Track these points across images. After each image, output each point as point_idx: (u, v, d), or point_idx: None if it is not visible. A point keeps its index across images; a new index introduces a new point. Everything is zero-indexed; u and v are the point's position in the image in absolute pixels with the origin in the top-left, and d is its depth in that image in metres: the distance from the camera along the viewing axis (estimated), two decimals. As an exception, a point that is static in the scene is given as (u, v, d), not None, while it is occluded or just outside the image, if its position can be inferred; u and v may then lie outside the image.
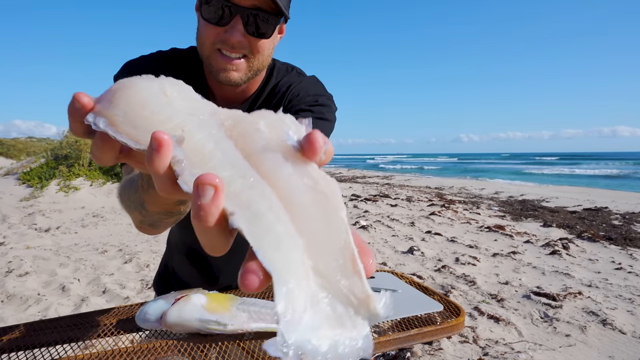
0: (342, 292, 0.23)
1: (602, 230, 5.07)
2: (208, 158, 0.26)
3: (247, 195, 0.24)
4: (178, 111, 0.28)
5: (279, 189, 0.25)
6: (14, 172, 8.86)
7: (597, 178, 18.42)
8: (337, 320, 0.22)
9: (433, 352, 2.14)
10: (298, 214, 0.24)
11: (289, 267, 0.22)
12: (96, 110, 0.28)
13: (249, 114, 0.29)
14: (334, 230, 0.24)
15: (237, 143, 0.27)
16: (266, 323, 0.72)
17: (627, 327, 2.41)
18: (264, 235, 0.23)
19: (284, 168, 0.26)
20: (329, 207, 0.25)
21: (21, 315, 2.58)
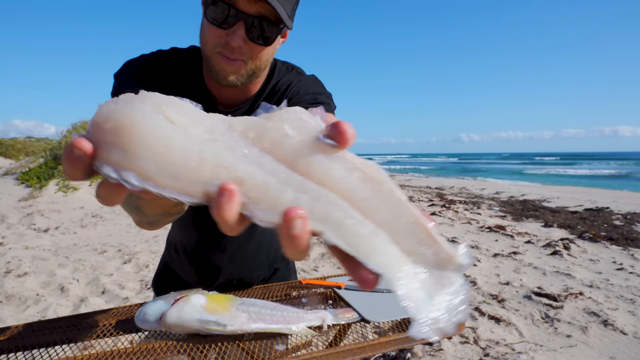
0: (431, 260, 0.27)
1: (603, 231, 5.06)
2: (265, 188, 0.26)
3: (320, 209, 0.26)
4: (201, 142, 0.26)
5: (338, 191, 0.27)
6: (12, 172, 8.86)
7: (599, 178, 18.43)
8: (438, 283, 0.27)
9: (433, 352, 2.13)
10: (365, 208, 0.27)
11: (391, 263, 0.26)
12: (106, 158, 0.25)
13: (265, 118, 0.29)
14: (401, 212, 0.27)
15: (275, 155, 0.27)
16: (266, 324, 0.71)
17: (628, 328, 2.41)
18: (359, 244, 0.25)
19: (333, 170, 0.27)
20: (385, 191, 0.27)
21: (20, 315, 2.57)
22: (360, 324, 0.78)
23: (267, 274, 1.08)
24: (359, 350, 0.68)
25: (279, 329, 0.71)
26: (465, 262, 0.28)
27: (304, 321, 0.74)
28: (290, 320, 0.73)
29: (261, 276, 1.06)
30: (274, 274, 1.10)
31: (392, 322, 0.78)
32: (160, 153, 0.25)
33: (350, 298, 0.87)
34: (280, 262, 1.11)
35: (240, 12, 0.68)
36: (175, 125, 0.26)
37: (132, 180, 0.25)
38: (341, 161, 0.27)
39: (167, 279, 1.07)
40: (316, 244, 4.18)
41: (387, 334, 0.74)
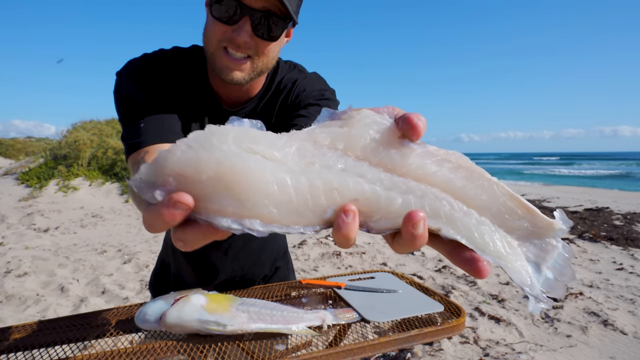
0: (532, 231, 0.29)
1: (603, 231, 5.06)
2: (376, 199, 0.27)
3: (429, 206, 0.27)
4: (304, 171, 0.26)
5: (436, 184, 0.28)
6: (12, 172, 8.85)
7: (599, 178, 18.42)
8: (543, 252, 0.29)
9: (434, 352, 2.13)
10: (465, 196, 0.28)
11: (502, 251, 0.28)
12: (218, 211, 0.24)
13: (344, 126, 0.29)
14: (495, 193, 0.29)
15: (370, 161, 0.28)
16: (266, 324, 0.71)
17: (628, 328, 2.41)
18: (473, 237, 0.27)
19: (426, 165, 0.28)
20: (476, 175, 0.29)
21: (20, 315, 2.57)
22: (360, 324, 0.78)
23: (269, 272, 1.08)
24: (359, 350, 0.68)
25: (279, 329, 0.71)
26: (564, 226, 0.29)
27: (304, 321, 0.74)
28: (290, 320, 0.73)
29: (262, 274, 1.06)
30: (275, 273, 1.10)
31: (392, 322, 0.78)
32: (277, 195, 0.25)
33: (350, 298, 0.87)
34: (281, 261, 1.11)
35: (246, 7, 0.68)
36: (273, 162, 0.26)
37: (258, 227, 0.25)
38: (430, 156, 0.29)
39: (165, 277, 1.07)
40: (316, 244, 4.18)
41: (387, 334, 0.74)
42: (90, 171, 8.02)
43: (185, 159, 0.24)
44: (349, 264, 3.64)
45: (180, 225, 0.26)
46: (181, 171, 0.24)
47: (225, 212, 0.25)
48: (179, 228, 0.26)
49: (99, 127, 9.75)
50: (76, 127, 9.84)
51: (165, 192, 0.24)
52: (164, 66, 0.79)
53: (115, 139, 8.83)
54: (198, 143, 0.25)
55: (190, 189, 0.24)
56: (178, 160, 0.24)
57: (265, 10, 0.69)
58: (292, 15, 0.71)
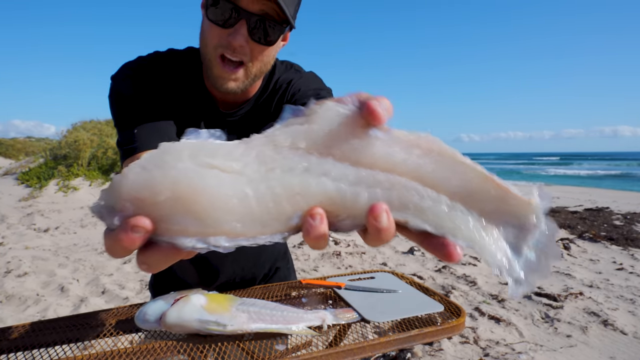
0: (509, 211, 0.27)
1: (603, 231, 5.06)
2: (341, 198, 0.26)
3: (397, 198, 0.26)
4: (264, 179, 0.26)
5: (406, 174, 0.27)
6: (12, 172, 8.85)
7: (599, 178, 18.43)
8: (523, 231, 0.27)
9: (434, 352, 2.13)
10: (435, 182, 0.27)
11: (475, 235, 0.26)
12: (180, 231, 0.24)
13: (305, 122, 0.27)
14: (467, 175, 0.27)
15: (335, 157, 0.27)
16: (266, 324, 0.71)
17: (628, 328, 2.41)
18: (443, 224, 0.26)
19: (394, 154, 0.27)
20: (447, 158, 0.27)
21: (20, 315, 2.57)
22: (360, 324, 0.78)
23: (269, 272, 1.08)
24: (359, 350, 0.68)
25: (279, 329, 0.71)
26: (543, 202, 0.28)
27: (304, 321, 0.74)
28: (290, 320, 0.73)
29: (262, 273, 1.06)
30: (275, 273, 1.10)
31: (392, 322, 0.78)
32: (239, 209, 0.25)
33: (350, 298, 0.87)
34: (281, 261, 1.11)
35: (243, 10, 0.67)
36: (231, 174, 0.25)
37: (224, 244, 0.24)
38: (397, 142, 0.27)
39: (164, 278, 1.07)
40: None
41: (387, 334, 0.74)
42: (90, 171, 8.02)
43: (139, 181, 0.24)
44: (349, 264, 3.64)
45: (142, 249, 0.25)
46: (137, 194, 0.23)
47: (188, 232, 0.24)
48: (141, 251, 0.25)
49: (99, 127, 9.75)
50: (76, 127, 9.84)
51: (122, 217, 0.24)
52: (159, 69, 0.79)
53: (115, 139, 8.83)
54: (152, 163, 0.24)
55: (148, 212, 0.24)
56: (132, 184, 0.24)
57: (262, 14, 0.68)
58: (289, 20, 0.70)
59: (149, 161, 0.24)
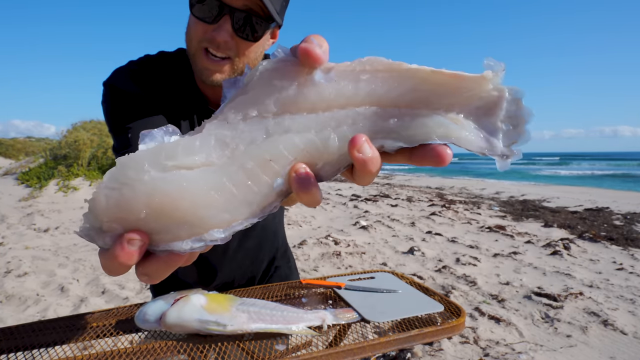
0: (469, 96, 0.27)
1: (603, 231, 5.06)
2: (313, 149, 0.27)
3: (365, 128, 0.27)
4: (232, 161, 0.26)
5: (363, 103, 0.27)
6: (12, 172, 8.85)
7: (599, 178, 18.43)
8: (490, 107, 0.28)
9: (434, 352, 2.13)
10: (391, 99, 0.27)
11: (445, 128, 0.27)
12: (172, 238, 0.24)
13: (247, 92, 0.27)
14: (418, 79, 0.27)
15: (290, 112, 0.27)
16: (266, 324, 0.71)
17: (628, 328, 2.41)
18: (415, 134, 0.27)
19: (344, 89, 0.27)
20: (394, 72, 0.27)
21: (20, 315, 2.57)
22: (360, 324, 0.78)
23: (268, 270, 1.08)
24: (359, 350, 0.68)
25: (279, 329, 0.71)
26: (496, 70, 0.27)
27: (304, 321, 0.74)
28: (290, 320, 0.73)
29: (261, 270, 1.06)
30: (275, 272, 1.10)
31: (392, 322, 0.78)
32: (220, 199, 0.25)
33: (350, 298, 0.87)
34: (281, 260, 1.11)
35: (227, 5, 0.67)
36: (199, 168, 0.25)
37: (220, 235, 0.25)
38: (343, 76, 0.27)
39: (165, 279, 1.07)
40: (316, 244, 4.18)
41: (387, 334, 0.74)
42: (90, 171, 8.02)
43: (113, 203, 0.23)
44: (349, 264, 3.64)
45: (141, 261, 0.25)
46: (118, 215, 0.24)
47: (181, 236, 0.24)
48: (140, 264, 0.25)
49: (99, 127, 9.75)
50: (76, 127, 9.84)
51: (115, 236, 0.24)
52: (150, 72, 0.79)
53: (115, 139, 8.82)
54: (118, 182, 0.24)
55: (136, 228, 0.24)
56: (108, 207, 0.24)
57: (247, 10, 0.68)
58: (273, 16, 0.70)
59: (112, 180, 0.24)
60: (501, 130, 0.27)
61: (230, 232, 0.25)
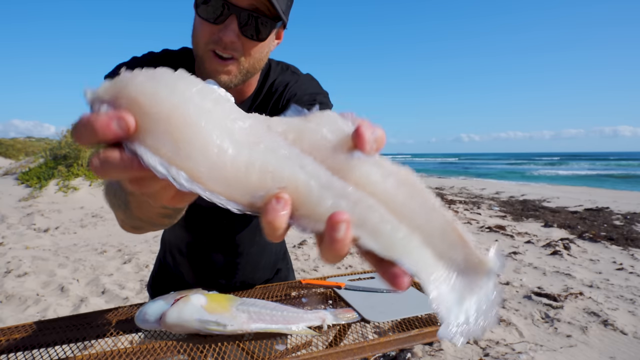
0: (463, 264, 0.28)
1: (603, 231, 5.06)
2: (307, 193, 0.26)
3: (357, 214, 0.26)
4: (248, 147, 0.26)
5: (375, 195, 0.27)
6: (12, 172, 8.86)
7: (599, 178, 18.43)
8: (468, 287, 0.27)
9: (434, 352, 2.13)
10: (402, 212, 0.27)
11: (424, 264, 0.26)
12: (154, 148, 0.24)
13: (302, 120, 0.29)
14: (435, 215, 0.28)
15: (315, 157, 0.27)
16: (266, 324, 0.71)
17: (628, 328, 2.41)
18: (393, 246, 0.26)
19: (370, 174, 0.27)
20: (421, 196, 0.28)
21: (20, 315, 2.57)
22: (360, 324, 0.78)
23: (270, 275, 1.08)
24: (359, 350, 0.68)
25: (279, 329, 0.71)
26: (496, 266, 0.28)
27: (304, 321, 0.74)
28: (290, 320, 0.73)
29: (263, 278, 1.06)
30: (276, 274, 1.10)
31: (392, 322, 0.78)
32: (214, 158, 0.25)
33: (350, 298, 0.87)
34: (281, 263, 1.11)
35: (233, 5, 0.67)
36: (225, 128, 0.26)
37: (182, 181, 0.24)
38: (377, 166, 0.27)
39: (164, 280, 1.07)
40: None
41: (387, 334, 0.74)
42: (90, 171, 8.02)
43: (145, 87, 0.24)
44: (349, 264, 3.64)
45: (107, 147, 0.25)
46: (136, 97, 0.24)
47: (159, 151, 0.24)
48: (105, 150, 0.25)
49: (99, 127, 9.74)
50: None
51: (111, 108, 0.24)
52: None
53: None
54: (163, 79, 0.25)
55: (136, 117, 0.24)
56: (138, 86, 0.24)
57: (253, 9, 0.68)
58: (280, 15, 0.70)
59: (161, 75, 0.25)
60: (463, 309, 0.27)
61: (190, 187, 0.25)
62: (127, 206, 0.49)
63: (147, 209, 0.46)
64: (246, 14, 0.68)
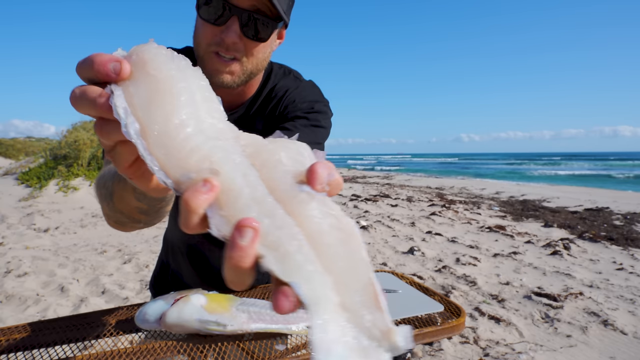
0: (367, 327, 0.25)
1: (603, 231, 5.06)
2: (236, 196, 0.26)
3: (276, 237, 0.25)
4: (207, 136, 0.27)
5: (305, 228, 0.26)
6: (12, 172, 8.86)
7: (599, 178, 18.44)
8: (363, 352, 0.24)
9: (434, 352, 2.13)
10: (325, 252, 0.25)
11: (322, 300, 0.24)
12: (129, 94, 0.26)
13: (270, 141, 0.29)
14: (359, 269, 0.26)
15: (261, 174, 0.27)
16: (266, 324, 0.71)
17: (628, 328, 2.41)
18: (296, 271, 0.24)
19: (309, 207, 0.26)
20: (352, 246, 0.26)
21: (20, 315, 2.57)
22: (360, 324, 0.78)
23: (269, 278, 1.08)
24: (359, 350, 0.68)
25: (279, 329, 0.71)
26: (401, 344, 0.25)
27: (304, 321, 0.74)
28: (290, 320, 0.73)
29: (263, 281, 1.06)
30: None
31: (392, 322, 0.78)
32: (170, 127, 0.26)
33: (350, 298, 0.87)
34: None
35: (234, 6, 0.67)
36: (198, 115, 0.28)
37: (131, 130, 0.26)
38: (320, 204, 0.26)
39: (165, 280, 1.07)
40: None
41: (387, 334, 0.74)
42: (90, 171, 8.02)
43: (159, 56, 0.28)
44: (349, 264, 3.64)
45: (92, 84, 0.27)
46: (147, 57, 0.27)
47: (131, 99, 0.26)
48: (88, 86, 0.27)
49: (99, 127, 9.74)
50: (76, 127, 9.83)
51: (118, 55, 0.28)
52: None
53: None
54: (177, 60, 0.28)
55: (134, 70, 0.27)
56: (155, 52, 0.28)
57: (254, 10, 0.68)
58: (281, 15, 0.70)
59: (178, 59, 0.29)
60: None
61: (134, 139, 0.26)
62: (111, 198, 0.52)
63: (127, 202, 0.50)
64: (247, 15, 0.68)
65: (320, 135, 0.82)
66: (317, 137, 0.82)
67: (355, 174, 17.38)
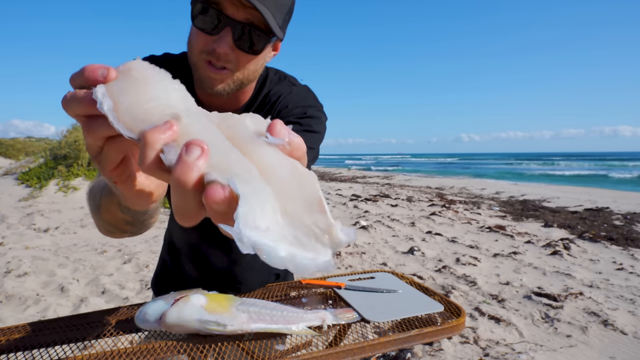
0: (306, 225, 0.25)
1: (603, 231, 5.06)
2: (193, 136, 0.27)
3: (225, 161, 0.25)
4: (173, 104, 0.30)
5: (260, 164, 0.26)
6: (12, 172, 8.86)
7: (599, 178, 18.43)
8: (299, 244, 0.24)
9: (434, 352, 2.13)
10: (275, 182, 0.26)
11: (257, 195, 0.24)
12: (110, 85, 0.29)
13: (237, 115, 0.31)
14: (306, 188, 0.26)
15: (223, 132, 0.29)
16: (266, 324, 0.71)
17: (628, 328, 2.41)
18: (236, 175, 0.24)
19: (264, 149, 0.27)
20: (305, 182, 0.26)
21: (20, 315, 2.57)
22: (360, 324, 0.78)
23: (269, 280, 1.08)
24: (359, 350, 0.68)
25: (279, 329, 0.71)
26: (343, 238, 0.25)
27: (304, 321, 0.74)
28: (290, 320, 0.73)
29: (264, 283, 1.06)
30: (276, 279, 1.10)
31: (392, 322, 0.78)
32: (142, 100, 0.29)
33: (350, 298, 0.87)
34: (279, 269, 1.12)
35: (228, 17, 0.67)
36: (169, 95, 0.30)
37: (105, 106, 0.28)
38: (277, 151, 0.27)
39: (166, 280, 1.07)
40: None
41: (387, 334, 0.74)
42: (90, 171, 8.02)
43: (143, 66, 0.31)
44: (349, 264, 3.64)
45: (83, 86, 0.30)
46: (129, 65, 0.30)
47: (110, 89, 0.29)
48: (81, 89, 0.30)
49: (99, 127, 9.74)
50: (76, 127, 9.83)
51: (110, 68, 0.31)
52: None
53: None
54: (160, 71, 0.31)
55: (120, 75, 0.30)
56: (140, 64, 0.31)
57: (248, 23, 0.68)
58: (274, 31, 0.69)
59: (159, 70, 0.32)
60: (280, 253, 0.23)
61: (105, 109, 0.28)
62: (99, 210, 0.55)
63: (113, 214, 0.53)
64: (241, 28, 0.68)
65: (313, 140, 0.82)
66: (310, 142, 0.82)
67: (355, 174, 17.39)
